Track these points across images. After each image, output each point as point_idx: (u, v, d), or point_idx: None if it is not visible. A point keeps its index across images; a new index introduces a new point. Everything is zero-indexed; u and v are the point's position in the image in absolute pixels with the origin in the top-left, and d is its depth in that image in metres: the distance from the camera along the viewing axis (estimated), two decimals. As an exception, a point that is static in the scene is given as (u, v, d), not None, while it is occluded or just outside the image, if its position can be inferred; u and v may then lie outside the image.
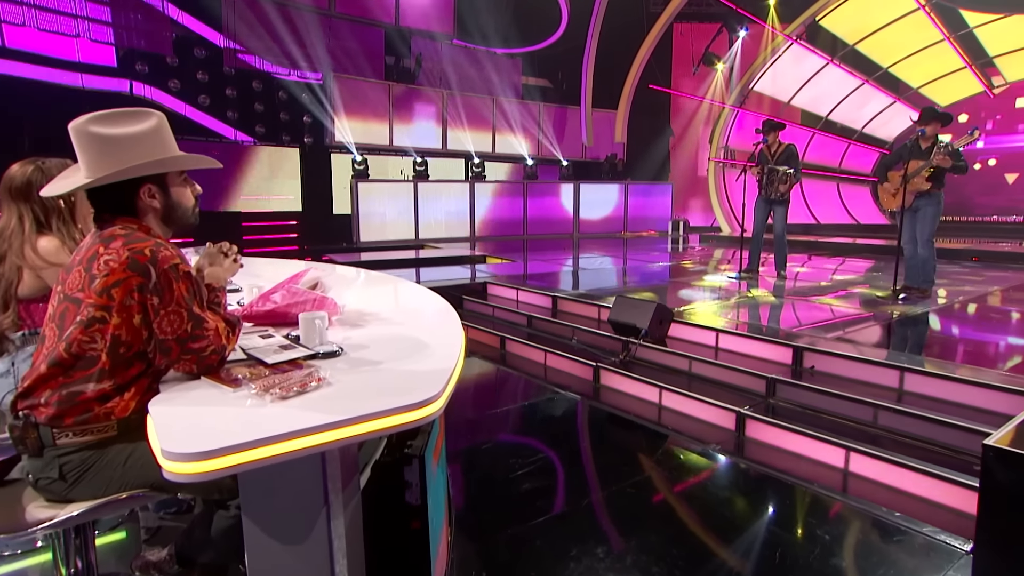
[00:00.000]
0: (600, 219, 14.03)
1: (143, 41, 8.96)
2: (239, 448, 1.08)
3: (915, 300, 5.45)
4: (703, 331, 4.48)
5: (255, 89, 10.12)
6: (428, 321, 2.24)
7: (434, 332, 2.03)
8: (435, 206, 11.72)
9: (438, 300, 2.56)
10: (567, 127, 14.52)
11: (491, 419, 3.97)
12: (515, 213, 12.91)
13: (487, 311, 6.15)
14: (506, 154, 13.59)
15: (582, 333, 5.08)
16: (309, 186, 10.72)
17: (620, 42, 14.04)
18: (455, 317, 2.21)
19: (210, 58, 9.71)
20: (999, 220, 14.86)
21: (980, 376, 3.21)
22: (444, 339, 1.89)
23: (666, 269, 8.24)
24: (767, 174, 6.59)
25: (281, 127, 10.44)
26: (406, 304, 2.62)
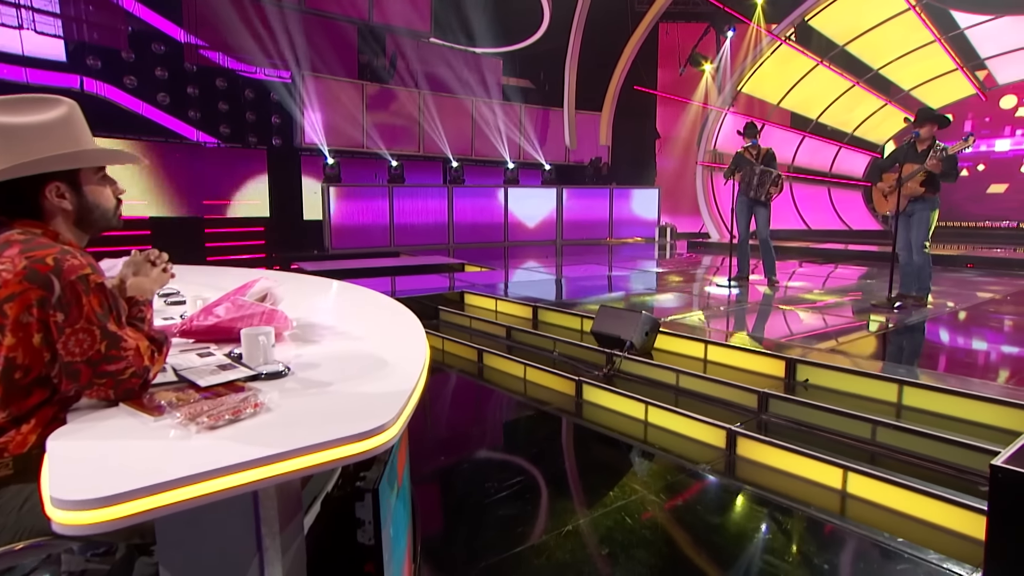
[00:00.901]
0: (584, 225, 14.00)
1: (95, 34, 8.74)
2: (149, 491, 0.96)
3: (911, 309, 5.44)
4: (691, 343, 4.41)
5: (219, 87, 9.95)
6: (390, 336, 2.13)
7: (395, 348, 1.92)
8: (411, 211, 11.59)
9: (403, 312, 2.45)
10: (550, 130, 14.49)
11: (466, 438, 3.85)
12: (495, 219, 12.83)
13: (464, 322, 6.04)
14: (486, 158, 13.52)
15: (564, 345, 4.98)
16: (277, 190, 10.54)
17: (604, 42, 14.07)
18: (420, 331, 2.09)
19: (170, 54, 9.51)
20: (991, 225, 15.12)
21: (982, 390, 3.16)
22: (405, 356, 1.78)
23: (653, 277, 8.19)
24: (759, 175, 6.58)
25: (247, 128, 10.26)
26: (368, 316, 2.51)
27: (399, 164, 11.52)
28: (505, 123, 13.68)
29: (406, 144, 12.20)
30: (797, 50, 14.41)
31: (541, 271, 8.80)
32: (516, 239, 13.09)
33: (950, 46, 13.76)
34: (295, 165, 10.78)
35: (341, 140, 11.28)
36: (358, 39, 11.39)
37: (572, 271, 9.02)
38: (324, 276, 3.72)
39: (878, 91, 15.25)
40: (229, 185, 10.06)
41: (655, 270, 9.01)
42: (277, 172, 10.53)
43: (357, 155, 11.58)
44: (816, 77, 14.87)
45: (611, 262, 10.40)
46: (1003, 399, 3.00)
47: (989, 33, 13.37)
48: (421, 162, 12.46)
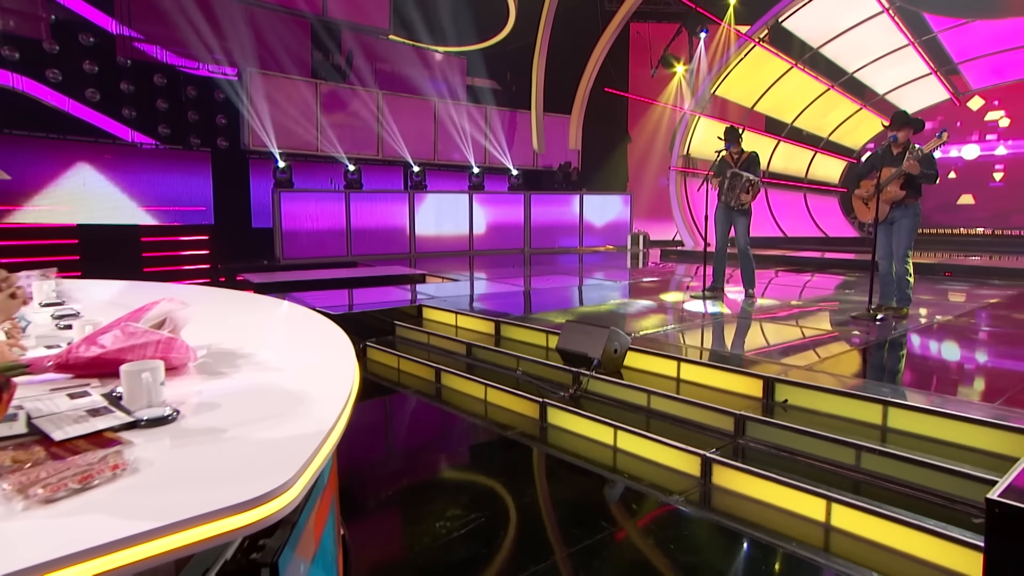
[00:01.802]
0: (554, 233, 13.91)
1: (12, 22, 8.30)
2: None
3: (892, 320, 5.41)
4: (663, 360, 4.28)
5: (157, 84, 9.58)
6: (315, 365, 1.92)
7: (317, 381, 1.72)
8: (370, 219, 11.34)
9: (335, 336, 2.24)
10: (517, 133, 14.41)
11: (418, 470, 3.64)
12: (459, 227, 12.65)
13: (422, 338, 5.83)
14: (449, 162, 13.36)
15: (528, 364, 4.82)
16: (223, 196, 10.20)
17: (573, 42, 14.07)
18: (349, 358, 1.90)
19: (100, 46, 9.10)
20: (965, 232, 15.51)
21: (971, 411, 3.08)
22: (326, 392, 1.58)
23: (624, 288, 8.10)
24: (730, 179, 6.53)
25: (189, 128, 9.91)
26: (296, 341, 2.30)
27: (357, 169, 11.28)
28: (470, 126, 13.54)
29: (364, 147, 11.96)
30: (771, 52, 14.61)
31: (507, 282, 8.64)
32: (482, 248, 12.91)
33: (924, 50, 14.10)
34: (243, 169, 10.46)
35: (293, 142, 10.99)
36: (311, 35, 11.15)
37: (540, 282, 8.89)
38: (273, 288, 3.51)
39: (853, 95, 15.55)
40: (169, 190, 9.69)
41: (627, 281, 8.92)
42: (223, 176, 10.19)
43: (311, 158, 11.31)
44: (791, 80, 15.10)
45: (581, 272, 10.31)
46: (993, 421, 2.91)
47: (962, 37, 13.74)
48: (381, 166, 12.24)
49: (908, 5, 12.84)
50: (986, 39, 13.64)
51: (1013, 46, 13.70)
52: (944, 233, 15.60)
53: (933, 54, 14.25)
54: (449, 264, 10.99)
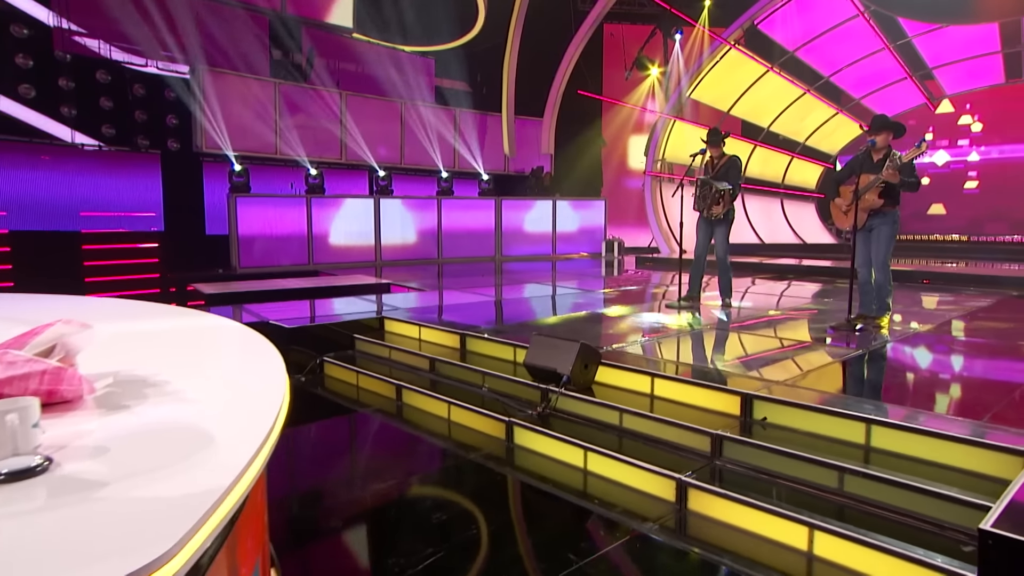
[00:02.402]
0: (526, 240, 13.80)
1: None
2: None
3: (872, 331, 5.37)
4: (636, 376, 4.16)
5: (100, 81, 9.21)
6: (236, 395, 1.74)
7: (235, 416, 1.54)
8: (333, 226, 11.10)
9: (269, 359, 2.05)
10: (488, 136, 14.29)
11: (372, 498, 3.45)
12: (428, 234, 12.47)
13: (383, 353, 5.64)
14: (417, 166, 13.19)
15: (494, 380, 4.66)
16: (174, 200, 9.88)
17: (545, 42, 14.01)
18: (278, 388, 1.71)
19: (35, 39, 8.70)
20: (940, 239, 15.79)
21: (957, 429, 3.00)
22: (242, 431, 1.40)
23: (597, 298, 8.00)
24: (700, 187, 6.46)
25: (137, 128, 9.57)
26: (222, 364, 2.10)
27: (319, 172, 11.04)
28: (439, 129, 13.38)
29: (327, 150, 11.73)
30: (747, 55, 14.72)
31: (477, 292, 8.49)
32: (452, 256, 12.75)
33: (899, 54, 14.34)
34: (196, 172, 10.15)
35: (250, 144, 10.71)
36: (270, 32, 10.88)
37: (511, 291, 8.76)
38: (226, 299, 3.30)
39: (829, 99, 15.75)
40: (115, 194, 9.32)
41: (601, 290, 8.83)
42: (174, 180, 9.87)
43: (270, 162, 11.04)
44: (767, 84, 15.23)
45: (555, 280, 10.21)
46: (981, 441, 2.83)
47: (936, 42, 14.01)
48: (344, 170, 12.01)
49: (882, 9, 13.05)
50: (959, 44, 13.93)
51: (985, 51, 14.02)
52: (920, 240, 15.86)
53: (908, 59, 14.51)
54: (417, 273, 10.81)
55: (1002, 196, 15.02)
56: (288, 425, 3.59)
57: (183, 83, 9.87)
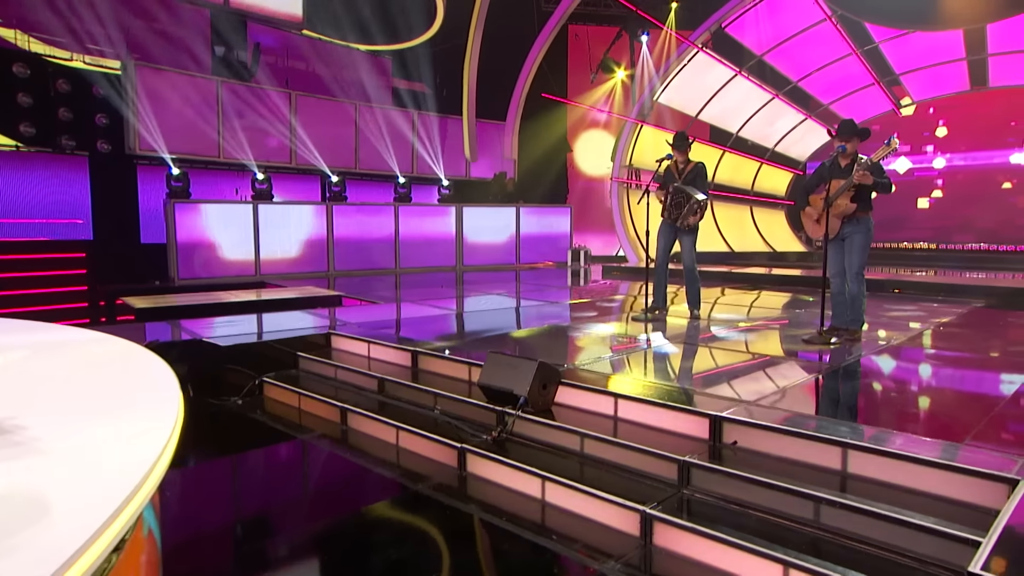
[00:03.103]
0: (488, 249, 13.65)
1: None
2: None
3: (846, 344, 5.32)
4: (599, 396, 4.00)
5: (17, 75, 8.72)
6: (107, 440, 1.50)
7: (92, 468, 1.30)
8: (282, 234, 10.78)
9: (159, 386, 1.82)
10: (448, 140, 14.14)
11: (306, 541, 3.20)
12: (385, 243, 12.22)
13: (329, 372, 5.38)
14: (372, 171, 12.97)
15: (447, 401, 4.45)
16: (105, 206, 9.44)
17: (508, 43, 13.93)
18: (162, 428, 1.49)
19: (-65, 27, 8.25)
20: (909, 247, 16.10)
21: (938, 453, 2.90)
22: (96, 491, 1.17)
23: (561, 310, 7.87)
24: (673, 194, 6.38)
25: (61, 128, 9.11)
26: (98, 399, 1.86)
27: (266, 177, 10.72)
28: (396, 133, 13.17)
29: (275, 154, 11.41)
30: (714, 59, 14.82)
31: (435, 304, 8.28)
32: (410, 265, 12.52)
33: (867, 60, 14.59)
34: (129, 176, 9.72)
35: (191, 147, 10.34)
36: (212, 27, 10.52)
37: (471, 303, 8.57)
38: (159, 314, 3.03)
39: (798, 105, 15.96)
40: (34, 200, 8.84)
41: (565, 302, 8.70)
42: (105, 184, 9.43)
43: (213, 165, 10.67)
44: (735, 88, 15.35)
45: (518, 291, 10.06)
46: (964, 467, 2.72)
47: (902, 48, 14.30)
48: (294, 175, 11.72)
49: (849, 14, 13.25)
50: (926, 51, 14.23)
51: (951, 58, 14.35)
52: (889, 248, 16.13)
53: (875, 64, 14.78)
54: (372, 284, 10.56)
55: (967, 204, 15.38)
56: (214, 456, 3.30)
57: (114, 80, 9.44)
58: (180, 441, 1.45)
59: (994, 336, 6.39)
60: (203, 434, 4.69)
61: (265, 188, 10.67)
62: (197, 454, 4.26)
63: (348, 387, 5.12)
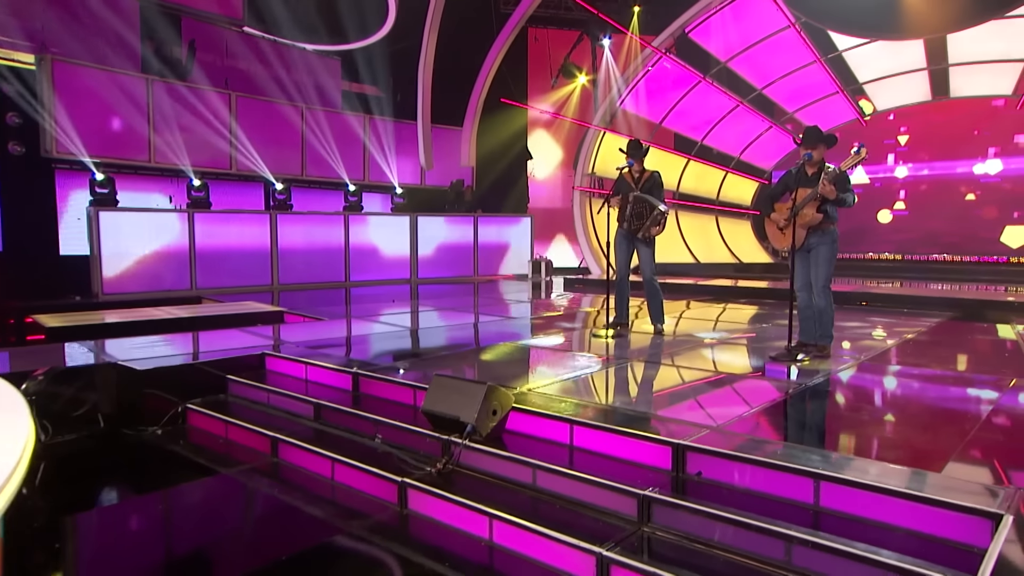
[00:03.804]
0: (444, 260, 13.45)
1: None
2: None
3: (815, 361, 5.24)
4: (553, 423, 3.80)
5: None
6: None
7: None
8: (222, 245, 10.39)
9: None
10: (402, 147, 13.96)
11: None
12: (334, 254, 11.91)
13: (261, 397, 5.08)
14: (321, 179, 12.68)
15: (390, 429, 4.21)
16: (17, 214, 8.94)
17: (465, 45, 13.79)
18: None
19: None
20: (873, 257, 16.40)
21: (916, 483, 2.77)
22: None
23: (518, 326, 7.71)
24: (633, 203, 6.26)
25: (-37, 127, 8.60)
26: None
27: (203, 184, 10.33)
28: (346, 138, 12.90)
29: (214, 159, 11.00)
30: (678, 64, 14.92)
31: (384, 320, 8.02)
32: (360, 278, 12.23)
33: (831, 68, 14.85)
34: (46, 181, 9.23)
35: (117, 150, 9.89)
36: (141, 20, 10.07)
37: (425, 319, 8.35)
38: (75, 333, 2.72)
39: (763, 112, 16.15)
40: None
41: (523, 317, 8.53)
42: (17, 190, 8.93)
43: (143, 171, 10.24)
44: (699, 95, 15.47)
45: (476, 305, 9.87)
46: (944, 501, 2.59)
47: (866, 57, 14.60)
48: (235, 182, 11.35)
49: (813, 21, 13.46)
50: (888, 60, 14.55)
51: (913, 68, 14.70)
52: (854, 259, 16.39)
53: (839, 73, 15.05)
54: (319, 298, 10.25)
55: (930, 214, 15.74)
56: (123, 495, 2.96)
57: (27, 75, 8.94)
58: (73, 478, 1.20)
59: (963, 351, 6.41)
60: (112, 470, 4.36)
61: (202, 196, 10.27)
62: (101, 493, 3.94)
63: (282, 414, 4.83)
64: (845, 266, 15.64)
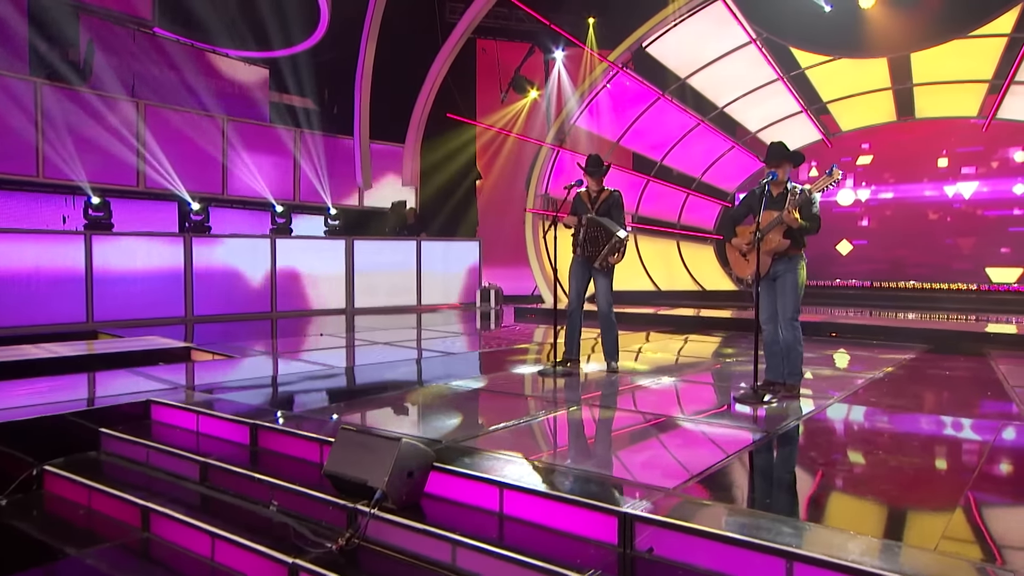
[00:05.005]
0: (384, 288, 13.01)
1: None
2: None
3: (783, 402, 4.96)
4: (481, 486, 3.38)
5: None
6: None
7: None
8: (126, 272, 9.75)
9: None
10: (338, 164, 13.63)
11: None
12: (258, 281, 11.36)
13: (140, 455, 4.52)
14: (244, 198, 12.24)
15: (288, 494, 3.72)
16: None
17: (407, 56, 13.57)
18: None
19: None
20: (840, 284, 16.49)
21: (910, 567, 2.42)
22: None
23: (459, 362, 7.34)
24: (587, 227, 5.94)
25: None
26: None
27: (104, 202, 9.73)
28: (274, 153, 12.45)
29: (117, 174, 10.43)
30: (636, 80, 14.84)
31: (309, 357, 7.52)
32: (289, 308, 11.68)
33: (794, 86, 14.95)
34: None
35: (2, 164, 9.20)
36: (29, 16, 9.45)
37: (359, 354, 7.88)
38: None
39: (724, 131, 16.18)
40: None
41: (466, 351, 8.15)
42: None
43: (29, 186, 9.62)
44: (658, 113, 15.41)
45: (419, 337, 9.46)
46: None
47: (829, 75, 14.74)
48: (143, 201, 10.79)
49: (774, 37, 13.54)
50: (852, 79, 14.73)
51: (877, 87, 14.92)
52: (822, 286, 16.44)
53: (803, 91, 15.17)
54: (241, 331, 9.69)
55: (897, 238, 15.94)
56: None
57: None
58: None
59: (944, 388, 6.21)
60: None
61: (103, 216, 9.66)
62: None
63: (163, 475, 4.29)
64: (813, 294, 15.61)
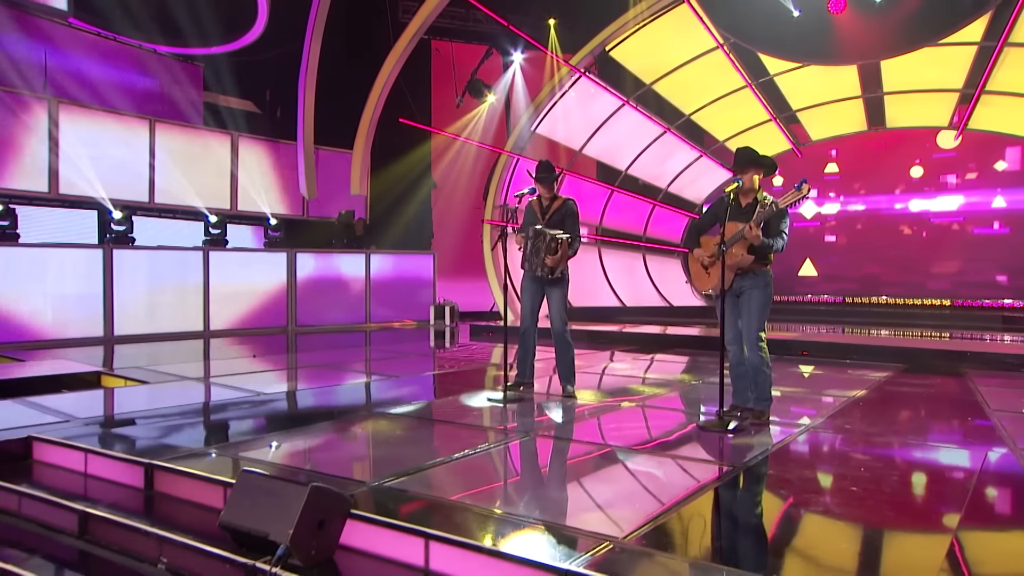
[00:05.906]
0: (329, 304, 12.69)
1: None
2: None
3: (751, 431, 4.71)
4: (404, 536, 3.02)
5: None
6: None
7: None
8: (34, 287, 9.28)
9: None
10: (281, 171, 13.39)
11: None
12: (189, 299, 10.94)
13: (11, 503, 4.05)
14: (174, 206, 11.88)
15: (179, 549, 3.30)
16: None
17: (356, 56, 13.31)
18: None
19: None
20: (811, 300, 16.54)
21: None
22: None
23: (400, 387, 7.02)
24: (533, 238, 5.65)
25: None
26: None
27: (7, 210, 9.25)
28: (209, 159, 12.15)
29: (24, 178, 9.98)
30: (600, 86, 14.72)
31: (236, 383, 7.10)
32: (226, 326, 11.27)
33: (762, 94, 14.96)
34: None
35: None
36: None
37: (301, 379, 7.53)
38: None
39: (692, 140, 16.13)
40: None
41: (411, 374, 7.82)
42: None
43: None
44: (623, 120, 15.30)
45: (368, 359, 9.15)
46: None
47: (798, 83, 14.79)
48: (56, 208, 10.23)
49: (742, 42, 13.54)
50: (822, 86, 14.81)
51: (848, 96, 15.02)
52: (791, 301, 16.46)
53: (771, 99, 15.19)
54: (166, 352, 9.20)
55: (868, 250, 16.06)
56: None
57: None
58: None
59: (922, 414, 6.02)
60: None
61: (7, 225, 9.15)
62: None
63: (37, 528, 3.83)
64: (782, 310, 15.61)
